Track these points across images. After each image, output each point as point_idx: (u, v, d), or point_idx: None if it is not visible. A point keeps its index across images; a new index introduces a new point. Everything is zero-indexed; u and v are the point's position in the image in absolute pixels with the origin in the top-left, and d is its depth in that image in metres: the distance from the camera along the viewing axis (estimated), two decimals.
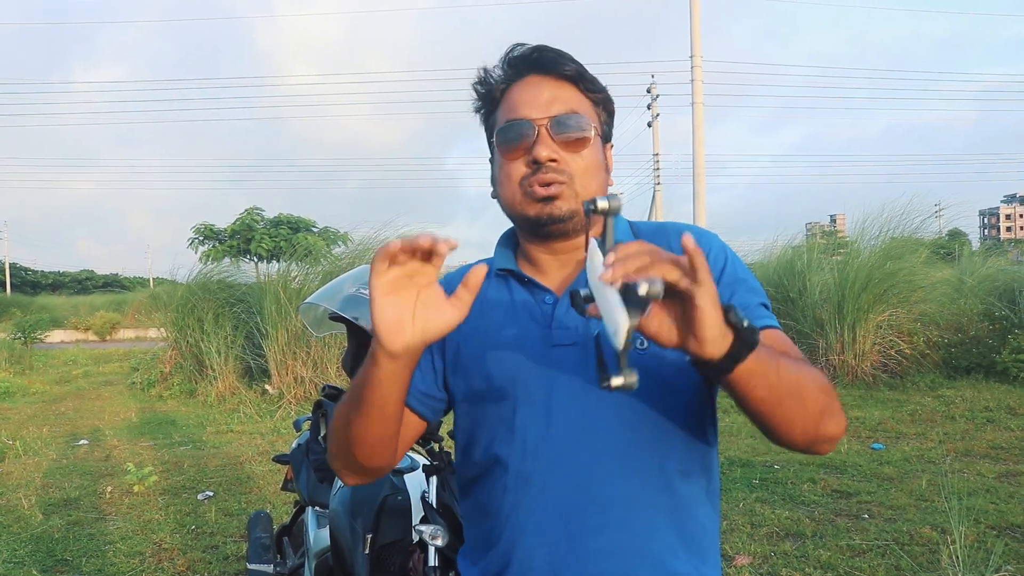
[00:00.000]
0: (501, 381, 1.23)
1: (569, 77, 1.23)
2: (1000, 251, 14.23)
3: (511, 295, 1.29)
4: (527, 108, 1.21)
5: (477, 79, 1.29)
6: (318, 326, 2.41)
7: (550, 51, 1.24)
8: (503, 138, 1.23)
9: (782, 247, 11.39)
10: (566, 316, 1.22)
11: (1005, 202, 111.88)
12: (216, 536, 4.59)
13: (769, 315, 1.21)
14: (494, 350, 1.25)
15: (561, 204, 1.20)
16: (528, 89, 1.23)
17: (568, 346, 1.20)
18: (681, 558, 1.19)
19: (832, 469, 5.52)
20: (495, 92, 1.27)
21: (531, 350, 1.22)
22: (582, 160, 1.21)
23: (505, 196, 1.25)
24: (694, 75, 18.31)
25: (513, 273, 1.29)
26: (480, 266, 1.00)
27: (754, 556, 3.91)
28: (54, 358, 18.17)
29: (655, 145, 27.29)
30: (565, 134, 1.20)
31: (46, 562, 4.23)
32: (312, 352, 9.34)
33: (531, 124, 1.20)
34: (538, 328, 1.23)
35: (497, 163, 1.26)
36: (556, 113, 1.20)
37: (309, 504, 2.64)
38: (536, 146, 1.19)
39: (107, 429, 8.49)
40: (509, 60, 1.25)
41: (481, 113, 1.32)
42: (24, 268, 66.10)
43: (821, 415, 1.06)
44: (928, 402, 7.96)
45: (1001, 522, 4.22)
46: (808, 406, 1.04)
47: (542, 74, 1.23)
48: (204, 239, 29.15)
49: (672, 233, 1.26)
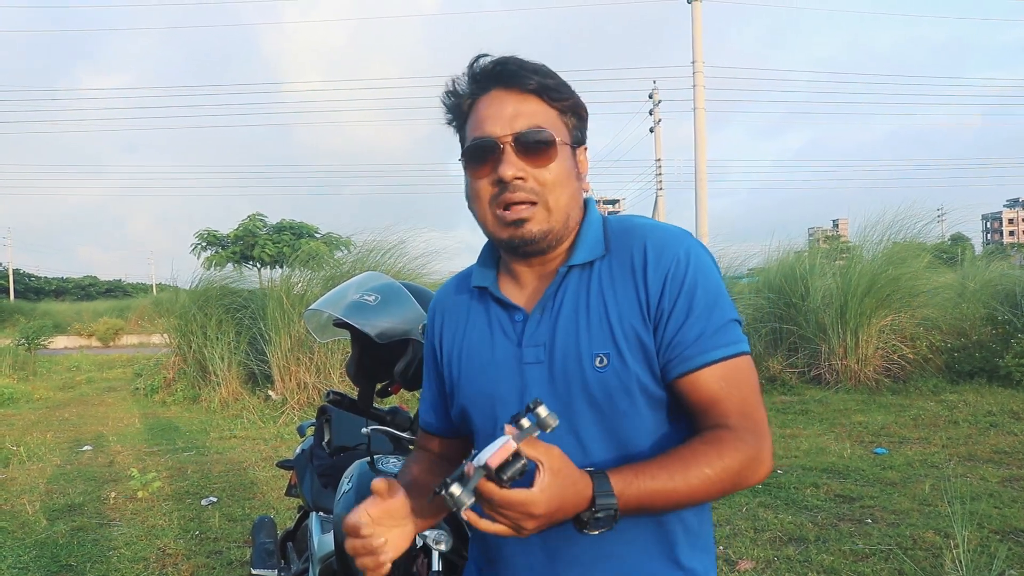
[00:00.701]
0: (482, 399, 1.28)
1: (532, 90, 1.22)
2: (1003, 255, 14.21)
3: (488, 313, 1.32)
4: (491, 125, 1.21)
5: (444, 92, 1.29)
6: (322, 332, 2.43)
7: (512, 64, 1.23)
8: (469, 157, 1.24)
9: (784, 252, 11.39)
10: (535, 334, 1.24)
11: (1008, 206, 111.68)
12: (220, 542, 4.60)
13: (727, 339, 1.19)
14: (475, 370, 1.30)
15: (531, 227, 1.21)
16: (492, 105, 1.22)
17: (535, 364, 1.23)
18: (654, 557, 1.22)
19: (835, 474, 5.51)
20: (463, 106, 1.27)
21: (506, 369, 1.26)
22: (549, 174, 1.21)
23: (477, 214, 1.27)
24: (696, 81, 18.34)
25: (488, 291, 1.32)
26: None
27: (757, 561, 3.91)
28: (58, 364, 18.18)
29: (657, 150, 27.33)
30: (529, 150, 1.20)
31: (51, 567, 4.24)
32: (315, 358, 9.35)
33: (495, 142, 1.20)
34: (511, 347, 1.26)
35: (467, 180, 1.27)
36: (519, 129, 1.20)
37: (313, 509, 2.64)
38: (501, 165, 1.19)
39: (111, 435, 8.50)
40: (473, 74, 1.25)
41: (453, 126, 1.32)
42: (28, 274, 66.21)
43: (732, 487, 1.15)
44: (931, 407, 7.95)
45: (1005, 526, 4.21)
46: (716, 487, 1.12)
47: (505, 88, 1.23)
48: (207, 245, 29.17)
49: (637, 238, 1.25)
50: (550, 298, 1.25)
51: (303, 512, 2.97)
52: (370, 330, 2.00)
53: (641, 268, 1.20)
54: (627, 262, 1.22)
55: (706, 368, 1.16)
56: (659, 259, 1.20)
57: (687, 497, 1.10)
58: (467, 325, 1.34)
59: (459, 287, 1.41)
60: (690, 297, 1.18)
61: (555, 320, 1.23)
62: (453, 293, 1.42)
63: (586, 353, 1.19)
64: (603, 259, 1.25)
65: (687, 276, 1.19)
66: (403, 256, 9.99)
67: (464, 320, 1.36)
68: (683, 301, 1.18)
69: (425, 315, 2.05)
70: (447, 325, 1.38)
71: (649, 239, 1.23)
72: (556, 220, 1.22)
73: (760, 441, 1.16)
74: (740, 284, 11.11)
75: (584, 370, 1.19)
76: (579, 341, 1.20)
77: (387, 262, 9.78)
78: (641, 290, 1.20)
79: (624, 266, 1.22)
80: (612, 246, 1.26)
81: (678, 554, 1.23)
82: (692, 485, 1.09)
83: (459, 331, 1.35)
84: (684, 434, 1.21)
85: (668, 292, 1.18)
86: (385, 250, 10.01)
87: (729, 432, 1.15)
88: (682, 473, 1.09)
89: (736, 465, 1.12)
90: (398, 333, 2.02)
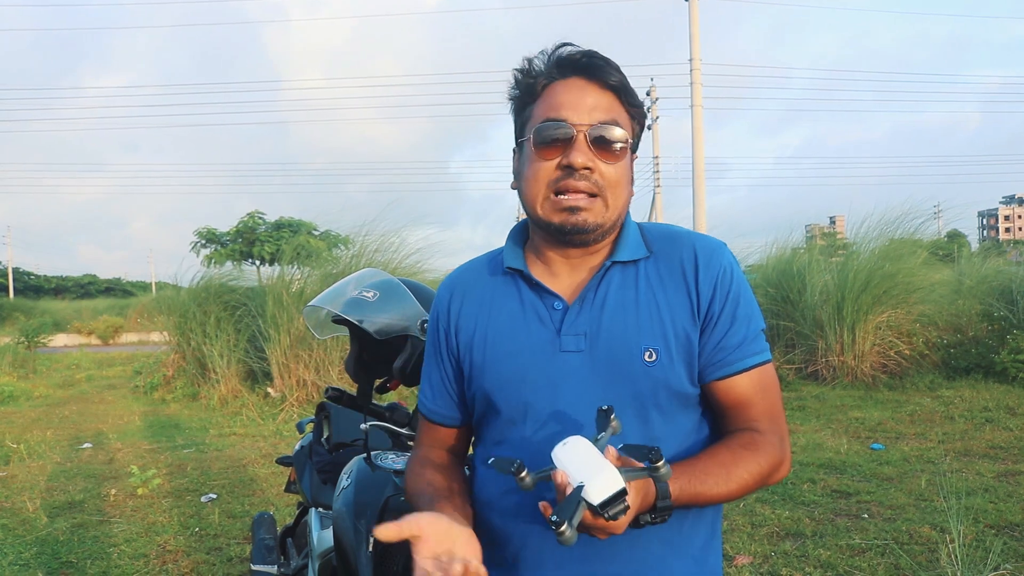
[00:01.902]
0: (510, 385, 1.26)
1: (613, 87, 1.23)
2: (999, 252, 14.23)
3: (520, 296, 1.30)
4: (569, 111, 1.21)
5: (520, 68, 1.28)
6: (321, 329, 2.43)
7: (599, 58, 1.24)
8: (540, 135, 1.22)
9: (781, 248, 11.40)
10: (576, 323, 1.24)
11: (1004, 203, 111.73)
12: (220, 538, 4.62)
13: (761, 347, 1.26)
14: (504, 355, 1.28)
15: (587, 216, 1.21)
16: (572, 91, 1.23)
17: (575, 353, 1.23)
18: (678, 553, 1.25)
19: (832, 469, 5.54)
20: (537, 86, 1.26)
21: (539, 355, 1.24)
22: (615, 172, 1.23)
23: (528, 194, 1.26)
24: (693, 78, 18.34)
25: (522, 274, 1.30)
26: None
27: (754, 556, 3.93)
28: (57, 362, 18.17)
29: (655, 148, 27.35)
30: (603, 144, 1.21)
31: (51, 564, 4.26)
32: (314, 355, 9.36)
33: (571, 128, 1.20)
34: (547, 333, 1.25)
35: (527, 158, 1.26)
36: (597, 121, 1.21)
37: (312, 505, 2.66)
38: (573, 151, 1.20)
39: (111, 432, 8.51)
40: (558, 58, 1.25)
41: (515, 102, 1.31)
42: (27, 272, 66.10)
43: (758, 488, 1.23)
44: (927, 402, 7.98)
45: (1000, 521, 4.24)
46: (749, 489, 1.20)
47: (588, 79, 1.23)
48: (206, 243, 29.13)
49: (684, 244, 1.29)
50: (592, 289, 1.26)
51: (302, 508, 2.99)
52: (369, 326, 2.01)
53: (692, 272, 1.25)
54: (676, 265, 1.26)
55: (743, 373, 1.24)
56: (708, 266, 1.25)
57: (724, 497, 1.18)
58: (493, 308, 1.32)
59: (479, 269, 1.39)
60: (735, 305, 1.24)
61: (600, 311, 1.24)
62: (473, 274, 1.39)
63: (635, 346, 1.21)
64: (648, 260, 1.28)
65: (732, 285, 1.25)
66: (400, 252, 9.99)
67: (489, 301, 1.33)
68: (729, 308, 1.24)
69: (424, 312, 2.06)
70: (467, 307, 1.35)
71: (698, 245, 1.28)
72: (610, 216, 1.24)
73: (784, 445, 1.26)
74: None
75: (633, 363, 1.21)
76: (628, 334, 1.22)
77: (385, 259, 9.78)
78: (692, 293, 1.24)
79: (673, 269, 1.26)
80: (655, 249, 1.29)
81: (699, 552, 1.27)
82: (731, 488, 1.17)
83: (483, 313, 1.33)
84: (703, 433, 1.29)
85: (718, 298, 1.24)
86: (383, 247, 10.02)
87: (760, 436, 1.24)
88: (725, 478, 1.17)
89: (767, 469, 1.21)
90: (397, 329, 2.03)
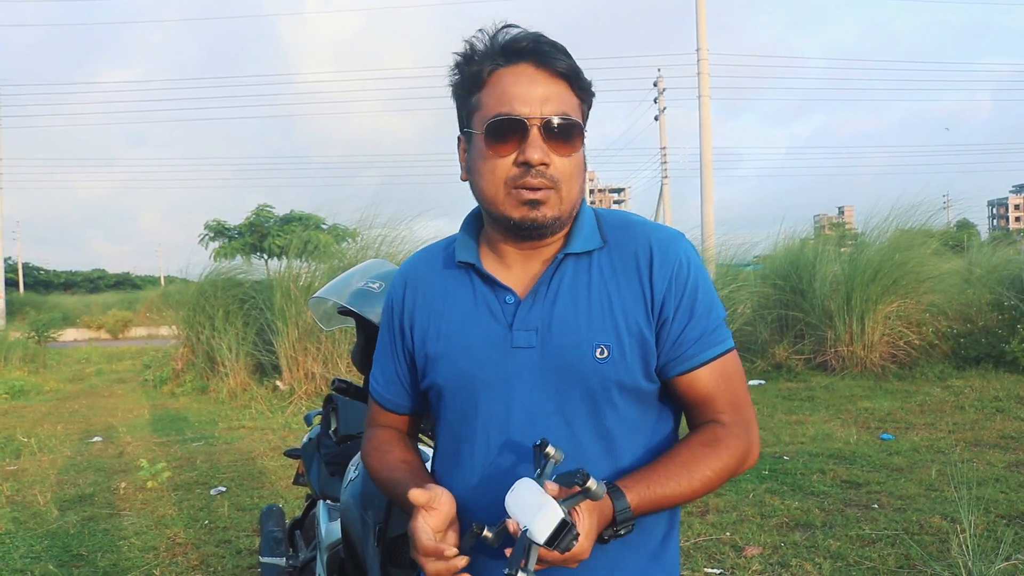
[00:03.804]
0: (462, 381, 1.24)
1: (563, 74, 1.19)
2: (1009, 241, 14.15)
3: (472, 290, 1.28)
4: (520, 103, 1.17)
5: (462, 53, 1.23)
6: (327, 320, 2.43)
7: (547, 43, 1.18)
8: (493, 132, 1.18)
9: (790, 239, 11.35)
10: (527, 317, 1.22)
11: (1014, 192, 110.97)
12: (229, 531, 4.63)
13: (721, 337, 1.24)
14: (456, 350, 1.25)
15: (546, 210, 1.19)
16: (521, 81, 1.18)
17: (526, 349, 1.21)
18: (635, 551, 1.23)
19: (841, 460, 5.52)
20: (483, 73, 1.20)
21: (492, 351, 1.23)
22: (569, 164, 1.19)
23: (485, 190, 1.22)
24: (700, 68, 18.26)
25: (474, 268, 1.28)
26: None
27: (764, 546, 3.92)
28: (67, 356, 18.27)
29: (662, 139, 27.22)
30: (557, 136, 1.17)
31: (62, 557, 4.28)
32: (323, 348, 9.38)
33: (524, 122, 1.16)
34: (499, 328, 1.23)
35: (479, 153, 1.21)
36: (550, 114, 1.17)
37: (321, 497, 2.66)
38: (528, 147, 1.16)
39: (120, 426, 8.55)
40: (503, 43, 1.19)
41: (457, 88, 1.26)
42: (37, 268, 66.36)
43: (727, 480, 1.22)
44: (937, 392, 7.94)
45: (1011, 511, 4.22)
46: (715, 485, 1.20)
47: (536, 66, 1.18)
48: (215, 236, 29.21)
49: (640, 236, 1.25)
50: (545, 283, 1.23)
51: (311, 500, 2.99)
52: (374, 317, 2.00)
53: (647, 266, 1.22)
54: (630, 258, 1.23)
55: (704, 366, 1.22)
56: (664, 259, 1.22)
57: (689, 497, 1.17)
58: (446, 301, 1.29)
59: (433, 260, 1.35)
60: (692, 299, 1.22)
61: (551, 306, 1.22)
62: (427, 265, 1.36)
63: (586, 343, 1.19)
64: (602, 250, 1.25)
65: (689, 278, 1.23)
66: (408, 244, 9.98)
67: (442, 295, 1.30)
68: (687, 303, 1.22)
69: None
70: (420, 299, 1.32)
71: (653, 237, 1.25)
72: (566, 208, 1.21)
73: (750, 433, 1.24)
74: (745, 272, 11.09)
75: (583, 360, 1.19)
76: (579, 330, 1.20)
77: (393, 251, 9.78)
78: (647, 287, 1.21)
79: (627, 261, 1.24)
80: (610, 239, 1.26)
81: (658, 547, 1.27)
82: (694, 487, 1.17)
83: (436, 306, 1.30)
84: (663, 426, 1.28)
85: (673, 292, 1.21)
86: (390, 239, 10.02)
87: (723, 428, 1.22)
88: (687, 478, 1.16)
89: (733, 463, 1.20)
90: None
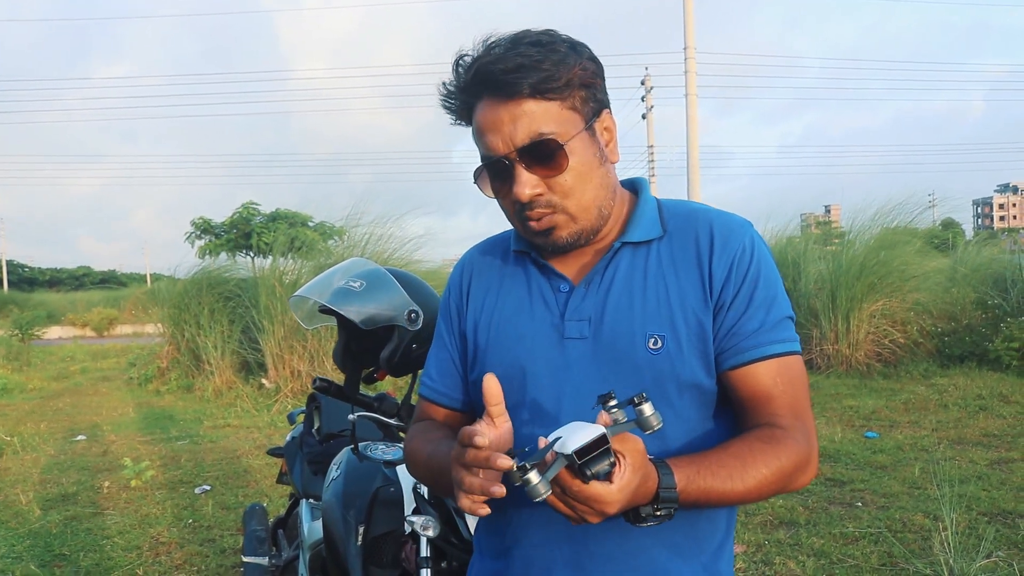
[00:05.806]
0: (513, 372, 1.20)
1: (524, 95, 1.11)
2: (993, 240, 14.26)
3: (527, 279, 1.25)
4: (492, 141, 1.13)
5: (441, 99, 1.20)
6: (309, 319, 2.42)
7: (496, 70, 1.10)
8: (486, 176, 1.17)
9: (777, 237, 11.40)
10: (580, 307, 1.18)
11: (999, 191, 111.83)
12: (213, 530, 4.61)
13: (784, 336, 1.16)
14: (509, 340, 1.23)
15: (560, 232, 1.16)
16: (487, 116, 1.13)
17: (578, 339, 1.17)
18: (686, 559, 1.17)
19: (826, 457, 5.54)
20: (464, 108, 1.18)
21: (543, 342, 1.19)
22: (566, 178, 1.13)
23: (508, 218, 1.22)
24: (687, 67, 18.27)
25: (530, 256, 1.25)
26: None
27: (748, 544, 3.94)
28: (52, 354, 18.15)
29: (650, 137, 27.26)
30: (538, 161, 1.12)
31: (44, 557, 4.25)
32: (308, 346, 9.34)
33: (503, 161, 1.13)
34: (551, 317, 1.20)
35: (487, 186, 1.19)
36: (522, 141, 1.11)
37: (303, 496, 2.65)
38: (516, 187, 1.12)
39: (105, 424, 8.50)
40: (465, 82, 1.15)
41: (457, 117, 1.23)
42: (21, 265, 65.95)
43: (781, 489, 1.11)
44: (921, 390, 8.00)
45: (993, 508, 4.25)
46: (769, 488, 1.09)
47: (492, 95, 1.13)
48: (201, 233, 29.07)
49: (702, 222, 1.20)
50: (599, 272, 1.19)
51: (294, 500, 2.98)
52: (355, 316, 2.00)
53: (707, 250, 1.17)
54: (691, 245, 1.18)
55: (762, 362, 1.14)
56: (725, 245, 1.16)
57: (740, 497, 1.07)
58: (501, 290, 1.27)
59: (493, 249, 1.33)
60: (752, 288, 1.15)
61: (604, 295, 1.18)
62: (486, 254, 1.34)
63: (639, 333, 1.14)
64: (661, 240, 1.20)
65: (751, 266, 1.16)
66: (394, 242, 9.96)
67: (498, 284, 1.28)
68: (745, 291, 1.15)
69: (411, 302, 2.05)
70: (476, 285, 1.30)
71: (715, 224, 1.19)
72: (584, 220, 1.16)
73: (810, 444, 1.13)
74: None
75: (635, 351, 1.14)
76: (632, 320, 1.15)
77: (379, 249, 9.75)
78: (706, 272, 1.16)
79: (687, 249, 1.18)
80: (670, 228, 1.21)
81: (709, 560, 1.18)
82: (748, 486, 1.06)
83: (491, 295, 1.28)
84: (724, 432, 1.18)
85: (733, 280, 1.15)
86: (376, 237, 9.98)
87: (782, 432, 1.11)
88: (740, 472, 1.06)
89: (790, 467, 1.09)
90: (383, 319, 2.02)
